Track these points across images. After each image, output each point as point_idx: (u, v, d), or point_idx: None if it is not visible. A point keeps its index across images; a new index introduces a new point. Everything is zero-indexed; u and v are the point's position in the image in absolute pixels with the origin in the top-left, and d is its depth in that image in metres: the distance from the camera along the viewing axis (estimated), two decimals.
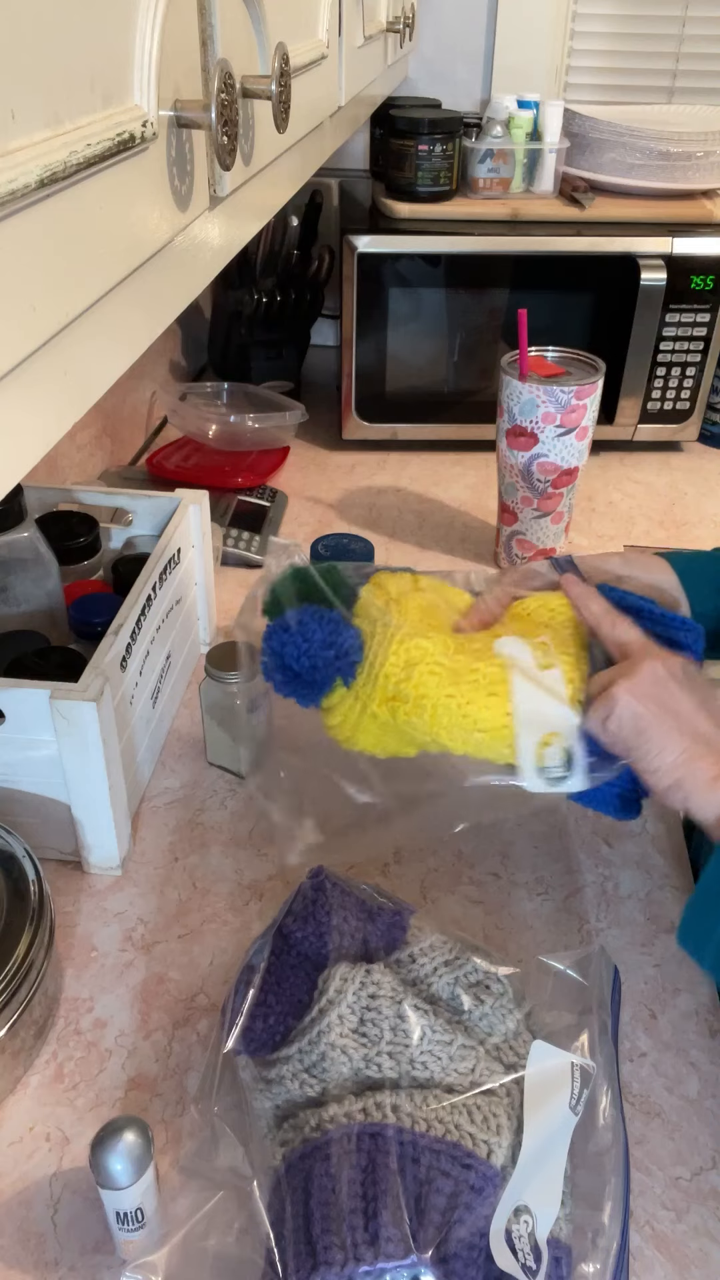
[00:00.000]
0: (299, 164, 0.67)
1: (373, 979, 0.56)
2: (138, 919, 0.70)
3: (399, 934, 0.62)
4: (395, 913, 0.63)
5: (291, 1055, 0.55)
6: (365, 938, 0.61)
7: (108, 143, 0.31)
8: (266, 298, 1.39)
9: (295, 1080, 0.54)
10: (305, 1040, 0.55)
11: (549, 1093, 0.54)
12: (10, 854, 0.63)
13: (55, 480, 1.05)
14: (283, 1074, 0.54)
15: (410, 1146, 0.49)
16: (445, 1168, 0.49)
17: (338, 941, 0.60)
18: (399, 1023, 0.55)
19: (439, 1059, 0.54)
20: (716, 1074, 0.62)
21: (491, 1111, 0.52)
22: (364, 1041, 0.55)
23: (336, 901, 0.62)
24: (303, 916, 0.62)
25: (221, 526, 1.11)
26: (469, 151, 1.27)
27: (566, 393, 0.96)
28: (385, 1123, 0.50)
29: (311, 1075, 0.54)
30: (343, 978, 0.56)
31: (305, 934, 0.61)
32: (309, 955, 0.60)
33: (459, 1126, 0.51)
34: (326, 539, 0.88)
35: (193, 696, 0.91)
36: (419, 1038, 0.55)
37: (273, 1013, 0.57)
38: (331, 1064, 0.54)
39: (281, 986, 0.58)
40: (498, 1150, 0.51)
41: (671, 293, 1.23)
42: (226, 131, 0.40)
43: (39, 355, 0.29)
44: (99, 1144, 0.47)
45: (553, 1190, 0.51)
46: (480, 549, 1.16)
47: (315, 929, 0.61)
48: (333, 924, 0.61)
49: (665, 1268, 0.52)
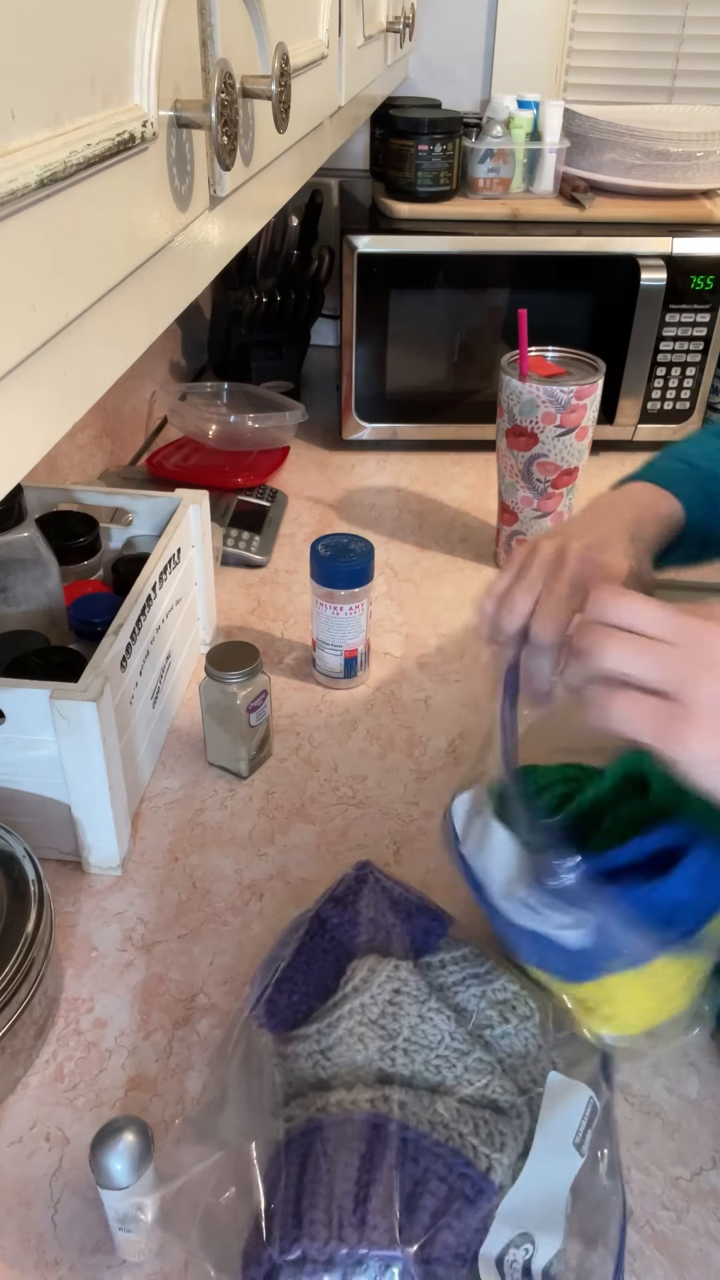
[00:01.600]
0: (299, 164, 0.67)
1: (400, 975, 0.57)
2: (138, 919, 0.70)
3: (434, 939, 0.62)
4: (434, 918, 0.63)
5: (310, 1034, 0.55)
6: (399, 936, 0.61)
7: (108, 143, 0.31)
8: (266, 298, 1.39)
9: (309, 1060, 0.55)
10: (325, 1023, 0.55)
11: (560, 1126, 0.53)
12: (10, 854, 0.63)
13: (55, 480, 1.05)
14: (299, 1051, 0.55)
15: (411, 1145, 0.50)
16: (442, 1172, 0.49)
17: (371, 934, 0.61)
18: (419, 1023, 0.55)
19: (454, 1067, 0.54)
20: (716, 1074, 0.62)
21: (498, 1129, 0.52)
22: (382, 1034, 0.55)
23: (376, 896, 0.63)
24: (342, 903, 0.63)
25: (221, 526, 1.11)
26: (469, 151, 1.27)
27: (566, 393, 0.96)
28: (390, 1116, 0.50)
29: (326, 1058, 0.55)
30: (370, 968, 0.57)
31: (341, 921, 0.62)
32: (342, 942, 0.61)
33: (463, 1136, 0.51)
34: (326, 539, 0.88)
35: (193, 696, 0.91)
36: (436, 1041, 0.55)
37: (297, 990, 0.58)
38: (346, 1049, 0.54)
39: (310, 967, 0.59)
40: (498, 1167, 0.50)
41: (671, 293, 1.23)
42: (226, 131, 0.40)
43: (39, 355, 0.29)
44: (99, 1144, 0.47)
45: (555, 1224, 0.50)
46: (480, 549, 1.16)
47: (351, 917, 0.62)
48: (369, 916, 0.61)
49: (665, 1268, 0.52)
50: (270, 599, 1.06)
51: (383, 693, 0.93)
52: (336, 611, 0.88)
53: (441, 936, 0.62)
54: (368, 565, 0.87)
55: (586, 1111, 0.54)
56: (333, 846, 0.76)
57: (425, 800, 0.81)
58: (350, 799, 0.81)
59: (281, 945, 0.62)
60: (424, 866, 0.75)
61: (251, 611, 1.04)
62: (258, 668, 0.78)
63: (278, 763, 0.84)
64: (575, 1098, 0.55)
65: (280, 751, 0.85)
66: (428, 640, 1.00)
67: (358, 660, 0.91)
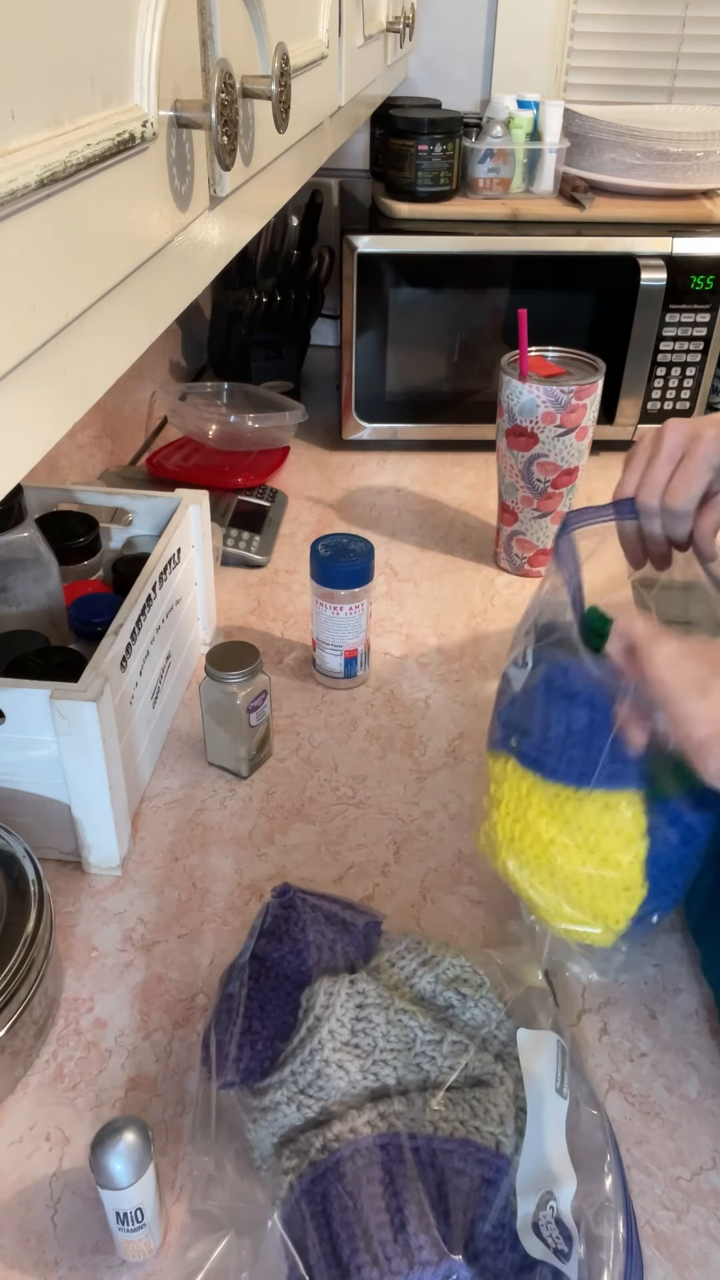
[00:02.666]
0: (299, 164, 0.67)
1: (358, 988, 0.56)
2: (138, 919, 0.70)
3: (373, 941, 0.61)
4: (367, 921, 0.62)
5: (285, 1078, 0.53)
6: (343, 949, 0.60)
7: (108, 143, 0.31)
8: (266, 298, 1.39)
9: (292, 1104, 0.53)
10: (298, 1061, 0.53)
11: (542, 1076, 0.55)
12: (10, 854, 0.63)
13: (55, 480, 1.05)
14: (277, 1100, 0.53)
15: (424, 1150, 0.49)
16: (460, 1165, 0.49)
17: (317, 956, 0.58)
18: (390, 1029, 0.54)
19: (433, 1058, 0.54)
20: (716, 1074, 0.62)
21: (492, 1102, 0.52)
22: (359, 1052, 0.54)
23: (309, 916, 0.61)
24: (277, 936, 0.60)
25: (221, 526, 1.11)
26: (469, 151, 1.27)
27: (566, 393, 0.96)
28: (396, 1131, 0.50)
29: (308, 1095, 0.53)
30: (328, 991, 0.55)
31: (282, 953, 0.59)
32: (288, 975, 0.58)
33: (464, 1123, 0.51)
34: (326, 539, 0.88)
35: (193, 696, 0.91)
36: (412, 1040, 0.55)
37: (259, 1038, 0.55)
38: (328, 1080, 0.53)
39: (265, 1010, 0.56)
40: (505, 1140, 0.51)
41: (671, 293, 1.23)
42: (226, 131, 0.40)
43: (39, 355, 0.29)
44: (99, 1144, 0.47)
45: (565, 1169, 0.52)
46: (480, 549, 1.16)
47: (292, 946, 0.59)
48: (309, 939, 0.59)
49: (665, 1268, 0.52)
50: (270, 599, 1.06)
51: (383, 693, 0.93)
52: (336, 611, 0.88)
53: (379, 935, 0.62)
54: (368, 565, 0.87)
55: (558, 1055, 0.56)
56: (333, 846, 0.77)
57: (425, 800, 0.81)
58: (350, 799, 0.81)
59: (225, 997, 0.57)
60: (424, 867, 0.75)
61: (251, 611, 1.04)
62: (258, 668, 0.78)
63: (278, 763, 0.84)
64: (546, 1046, 0.56)
65: (280, 751, 0.85)
66: (428, 640, 1.00)
67: (358, 660, 0.91)
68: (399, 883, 0.74)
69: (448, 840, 0.77)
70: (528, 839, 0.59)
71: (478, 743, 0.87)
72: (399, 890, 0.73)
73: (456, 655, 0.98)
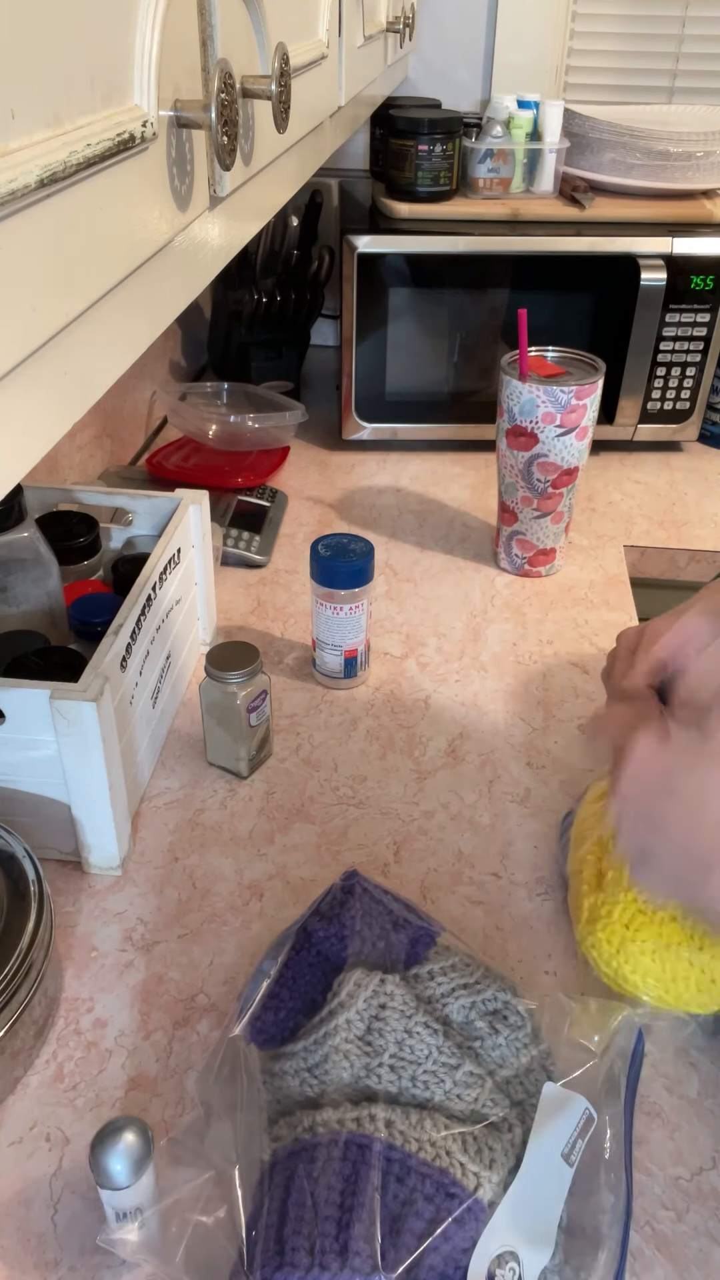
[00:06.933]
0: (299, 164, 0.67)
1: (385, 989, 0.56)
2: (138, 919, 0.70)
3: (422, 950, 0.61)
4: (423, 928, 0.62)
5: (298, 1051, 0.55)
6: (387, 948, 0.60)
7: (108, 143, 0.31)
8: (266, 298, 1.39)
9: (297, 1078, 0.54)
10: (311, 1040, 0.54)
11: (549, 1135, 0.53)
12: (10, 854, 0.63)
13: (55, 480, 1.05)
14: (286, 1069, 0.54)
15: (397, 1165, 0.49)
16: (429, 1193, 0.48)
17: (357, 947, 0.60)
18: (405, 1038, 0.54)
19: (442, 1082, 0.54)
20: (716, 1074, 0.62)
21: (488, 1144, 0.51)
22: (367, 1050, 0.54)
23: (364, 907, 0.62)
24: (328, 916, 0.62)
25: (221, 526, 1.11)
26: (469, 151, 1.27)
27: (566, 393, 0.96)
28: (375, 1136, 0.49)
29: (313, 1075, 0.54)
30: (356, 983, 0.56)
31: (328, 934, 0.61)
32: (328, 955, 0.60)
33: (450, 1154, 0.50)
34: (326, 539, 0.88)
35: (193, 696, 0.91)
36: (424, 1056, 0.54)
37: (284, 1007, 0.58)
38: (333, 1067, 0.53)
39: (297, 982, 0.59)
40: (486, 1185, 0.49)
41: (671, 293, 1.23)
42: (226, 131, 0.40)
43: (39, 355, 0.29)
44: (99, 1144, 0.47)
45: (544, 1238, 0.49)
46: (480, 549, 1.16)
47: (338, 930, 0.61)
48: (355, 928, 0.60)
49: (665, 1268, 0.52)
50: (270, 599, 1.06)
51: (383, 693, 0.93)
52: (336, 611, 0.88)
53: (430, 946, 0.61)
54: (368, 565, 0.87)
55: (580, 1122, 0.53)
56: (333, 846, 0.77)
57: (425, 800, 0.81)
58: (350, 799, 0.81)
59: (268, 960, 0.60)
60: (424, 866, 0.75)
61: (251, 611, 1.04)
62: (258, 668, 0.78)
63: (278, 763, 0.84)
64: (570, 1108, 0.54)
65: (280, 751, 0.85)
66: (428, 640, 1.00)
67: (358, 660, 0.91)
68: (399, 883, 0.74)
69: (448, 840, 0.77)
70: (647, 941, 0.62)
71: (478, 743, 0.87)
72: (398, 890, 0.73)
73: (456, 655, 0.98)
